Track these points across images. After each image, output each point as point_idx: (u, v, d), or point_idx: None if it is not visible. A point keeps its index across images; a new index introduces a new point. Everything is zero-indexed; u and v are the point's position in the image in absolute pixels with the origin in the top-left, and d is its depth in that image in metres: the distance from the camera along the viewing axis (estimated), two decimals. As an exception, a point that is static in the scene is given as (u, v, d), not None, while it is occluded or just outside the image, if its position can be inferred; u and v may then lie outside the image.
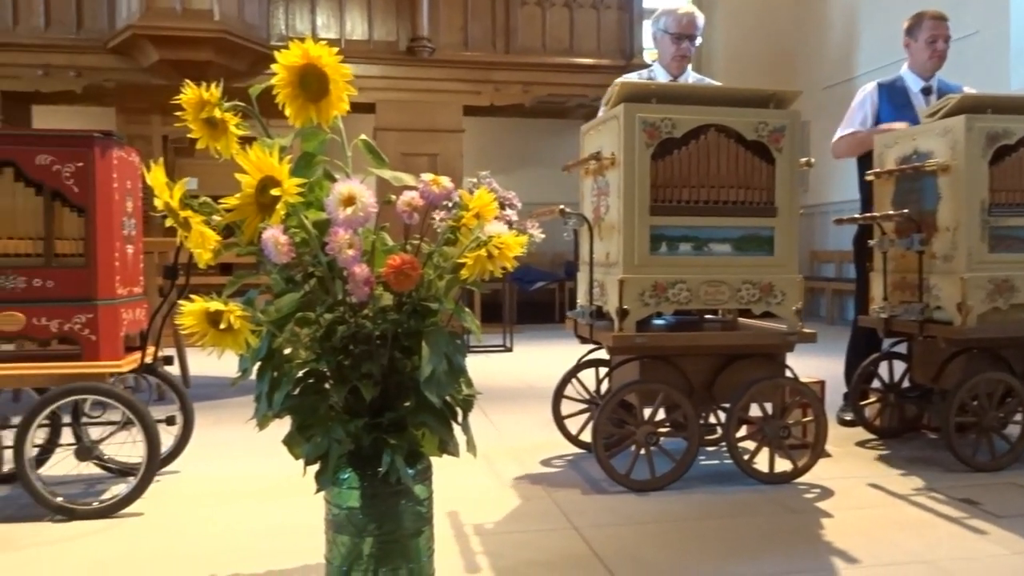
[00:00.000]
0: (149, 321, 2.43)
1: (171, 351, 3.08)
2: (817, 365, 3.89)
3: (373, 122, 7.09)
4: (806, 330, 2.43)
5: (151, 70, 6.68)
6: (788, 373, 2.49)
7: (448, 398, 1.42)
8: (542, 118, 8.57)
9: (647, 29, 7.82)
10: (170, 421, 2.47)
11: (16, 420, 2.16)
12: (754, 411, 2.47)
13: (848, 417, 3.23)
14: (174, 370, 3.39)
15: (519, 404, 3.90)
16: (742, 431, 2.54)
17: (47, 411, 2.12)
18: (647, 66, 7.43)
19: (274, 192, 1.35)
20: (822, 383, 2.87)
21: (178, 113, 1.57)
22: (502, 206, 1.47)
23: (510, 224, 1.50)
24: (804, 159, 2.46)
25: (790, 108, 2.48)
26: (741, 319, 2.71)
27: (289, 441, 1.47)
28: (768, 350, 2.47)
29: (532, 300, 8.07)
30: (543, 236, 1.60)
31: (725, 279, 2.39)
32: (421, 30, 7.15)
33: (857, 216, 3.06)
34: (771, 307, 2.41)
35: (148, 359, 2.35)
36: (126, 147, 2.34)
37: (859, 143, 3.28)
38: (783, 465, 2.43)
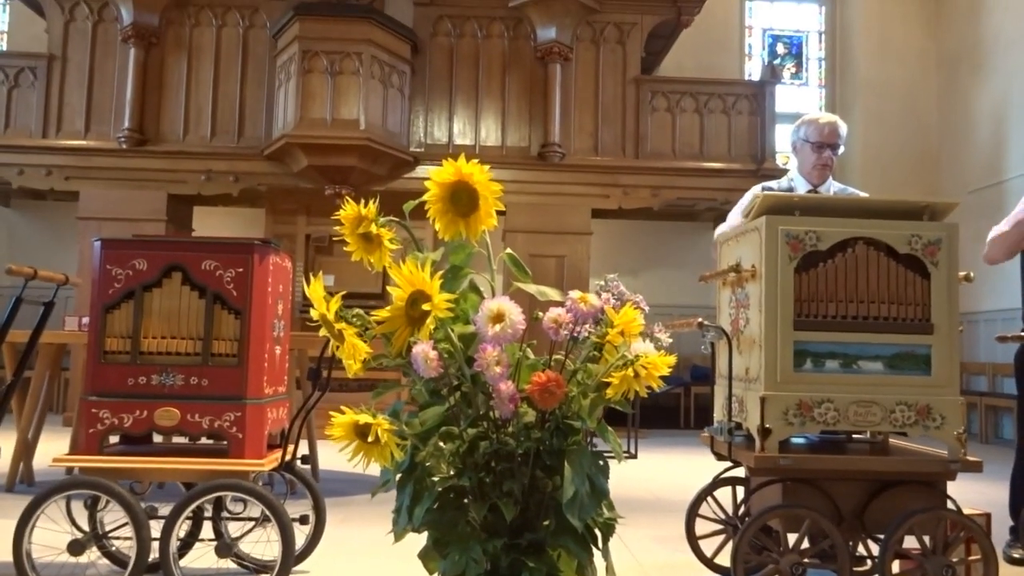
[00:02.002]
0: (290, 420, 2.50)
1: (303, 445, 3.16)
2: (976, 490, 3.57)
3: (503, 224, 7.29)
4: (970, 458, 2.24)
5: (300, 175, 7.15)
6: (950, 504, 2.29)
7: (589, 521, 1.38)
8: (670, 220, 8.57)
9: (779, 133, 7.79)
10: (303, 520, 2.51)
11: (162, 511, 2.25)
12: (909, 542, 2.27)
13: (1017, 555, 2.92)
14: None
15: (648, 517, 3.75)
16: (896, 566, 2.33)
17: (193, 506, 2.20)
18: (780, 171, 7.33)
19: (424, 307, 1.38)
20: (987, 515, 2.61)
21: (324, 217, 1.65)
22: None
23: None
24: (963, 273, 2.32)
25: (945, 220, 2.36)
26: (892, 440, 2.53)
27: (424, 556, 1.46)
28: (927, 478, 2.28)
29: (657, 404, 7.89)
30: (670, 340, 1.57)
31: (877, 399, 2.24)
32: (553, 136, 7.37)
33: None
34: (929, 431, 2.24)
35: (288, 457, 2.42)
36: (281, 253, 2.48)
37: (1017, 241, 3.05)
38: (946, 608, 2.20)
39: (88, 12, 7.46)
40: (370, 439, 1.32)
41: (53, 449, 4.63)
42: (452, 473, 1.40)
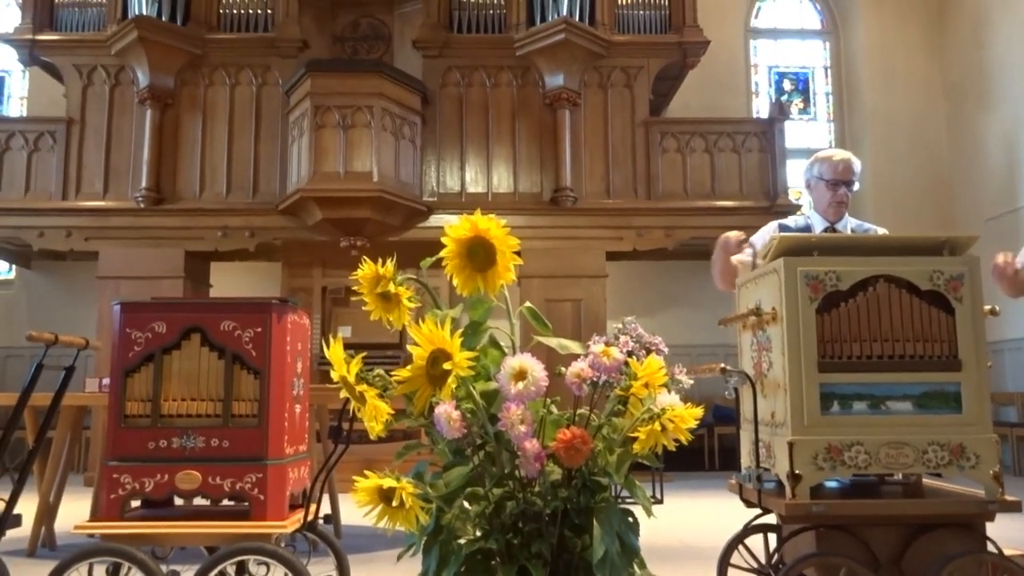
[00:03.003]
0: (312, 479, 2.48)
1: (325, 502, 3.13)
2: (1017, 529, 3.47)
3: (518, 270, 7.28)
4: (1008, 497, 2.18)
5: (315, 228, 7.21)
6: (990, 546, 2.22)
7: (620, 581, 1.34)
8: (685, 259, 8.54)
9: (790, 169, 7.80)
10: (328, 581, 2.47)
11: (185, 574, 2.22)
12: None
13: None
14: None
15: (678, 566, 3.67)
16: (938, 612, 2.26)
17: (216, 570, 2.17)
18: (794, 206, 7.30)
19: (446, 366, 1.37)
20: (1028, 556, 2.54)
21: (339, 269, 1.65)
22: (648, 351, 1.44)
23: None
24: (988, 308, 2.29)
25: (966, 254, 2.33)
26: (926, 481, 2.48)
27: (453, 620, 1.42)
28: (965, 519, 2.22)
29: (680, 446, 7.76)
30: (691, 383, 1.55)
31: (908, 440, 2.19)
32: (564, 180, 7.41)
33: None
34: (964, 471, 2.19)
35: (310, 518, 2.39)
36: (299, 310, 2.48)
37: None
38: (993, 656, 2.12)
39: (105, 76, 7.63)
40: (395, 503, 1.30)
41: (75, 510, 4.61)
42: (479, 535, 1.37)
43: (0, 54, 9.23)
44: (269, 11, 7.64)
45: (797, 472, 2.16)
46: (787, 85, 9.91)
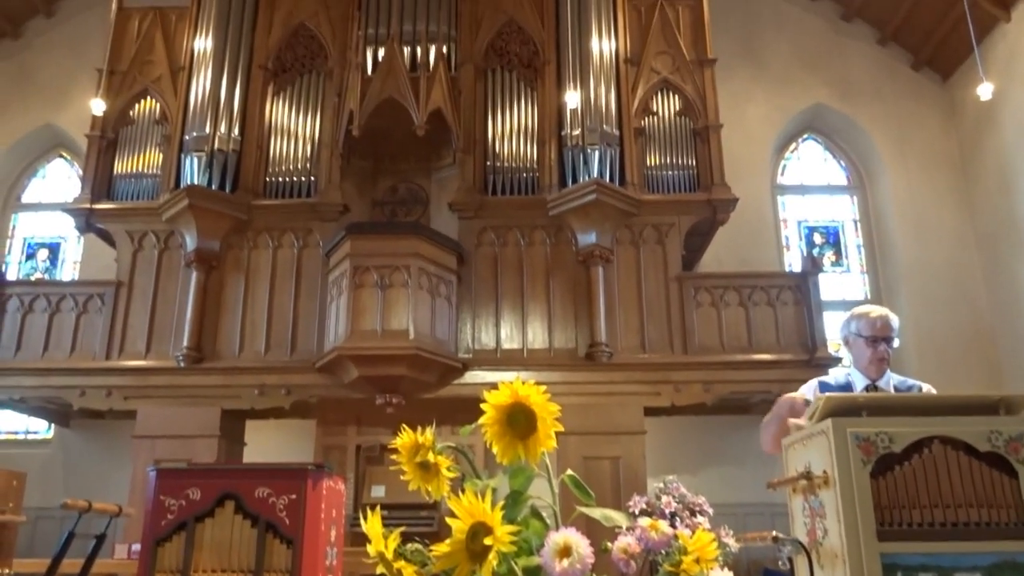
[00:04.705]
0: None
1: None
2: None
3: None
4: None
5: (350, 386, 7.23)
6: None
7: None
8: (725, 415, 8.37)
9: (827, 321, 7.74)
10: None
11: None
12: None
13: None
14: None
15: None
16: None
17: None
18: (833, 359, 7.16)
19: (487, 541, 1.31)
20: None
21: (374, 427, 1.62)
22: (692, 512, 1.37)
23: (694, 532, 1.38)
24: (1054, 471, 2.17)
25: (1023, 413, 2.25)
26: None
27: None
28: None
29: (730, 615, 7.30)
30: (739, 546, 1.46)
31: (982, 616, 2.03)
32: (599, 336, 7.41)
33: None
34: (1048, 653, 2.01)
35: None
36: (334, 476, 2.44)
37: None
38: None
39: (155, 241, 7.97)
40: None
41: None
42: None
43: (58, 222, 9.76)
44: (312, 178, 8.02)
45: (864, 654, 2.00)
46: (817, 238, 10.02)
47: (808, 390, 3.07)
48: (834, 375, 3.16)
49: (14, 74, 10.32)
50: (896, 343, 3.02)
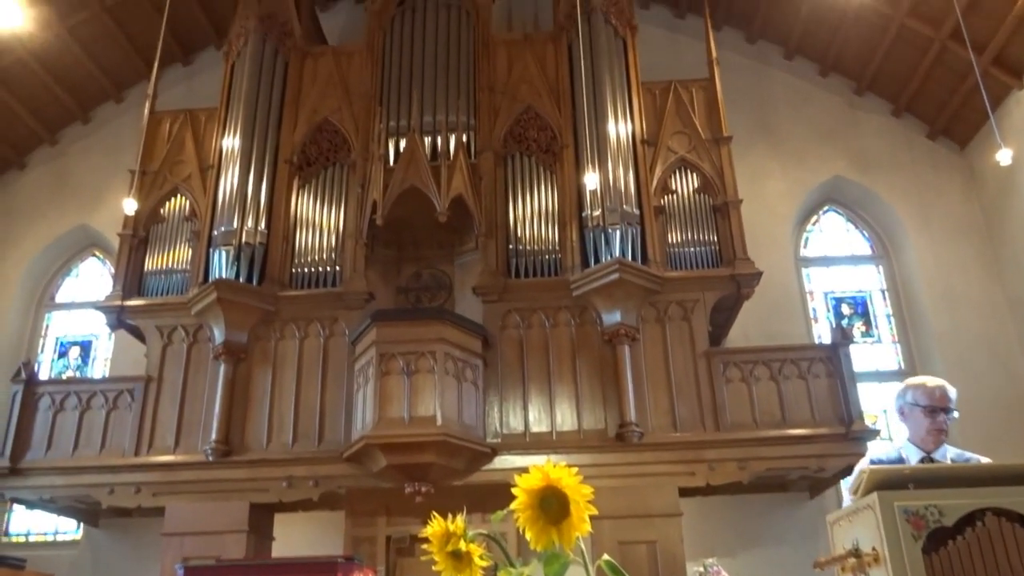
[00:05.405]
0: None
1: None
2: None
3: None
4: None
5: (379, 475, 7.14)
6: None
7: None
8: (763, 493, 8.14)
9: (862, 392, 7.58)
10: None
11: None
12: None
13: None
14: None
15: None
16: None
17: None
18: (871, 431, 6.97)
19: (523, 634, 1.25)
20: None
21: (404, 516, 1.57)
22: None
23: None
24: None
25: (1078, 481, 2.15)
26: None
27: None
28: None
29: None
30: None
31: None
32: (628, 415, 7.29)
33: None
34: None
35: None
36: (365, 569, 2.37)
37: None
38: None
39: (184, 335, 8.05)
40: None
41: None
42: None
43: (90, 320, 9.91)
44: (337, 267, 8.12)
45: None
46: (845, 309, 9.91)
47: (858, 470, 2.98)
48: (884, 451, 3.07)
49: (51, 179, 10.68)
50: (955, 415, 2.93)
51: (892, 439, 8.45)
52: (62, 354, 10.20)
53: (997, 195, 9.41)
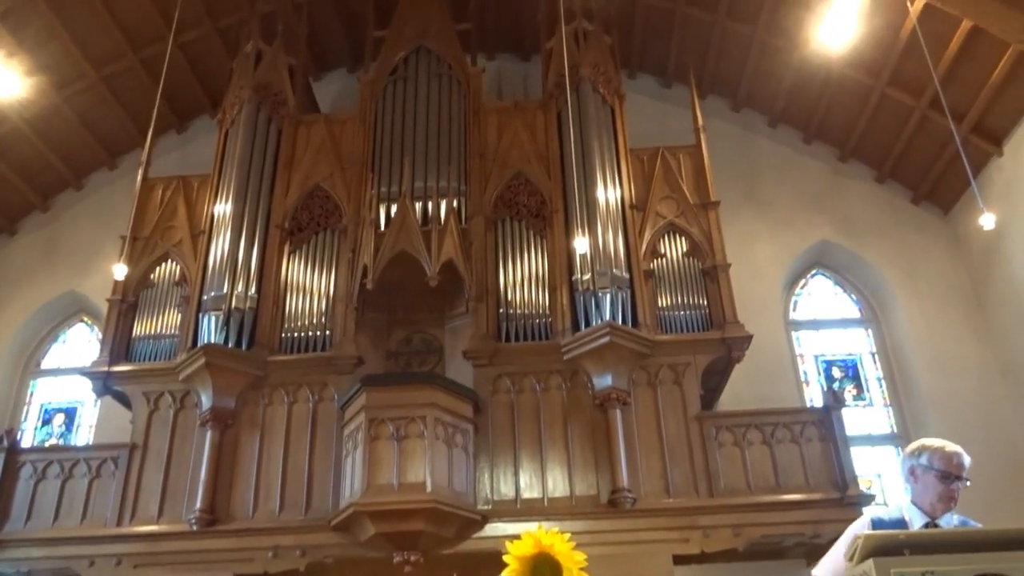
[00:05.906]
0: None
1: None
2: None
3: None
4: None
5: (367, 543, 6.98)
6: None
7: None
8: (758, 560, 7.97)
9: (855, 456, 7.52)
10: None
11: None
12: None
13: None
14: None
15: None
16: None
17: None
18: (866, 496, 6.89)
19: None
20: None
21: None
22: None
23: None
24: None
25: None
26: None
27: None
28: None
29: None
30: None
31: None
32: (621, 481, 7.20)
33: None
34: None
35: None
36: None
37: None
38: None
39: (171, 401, 7.96)
40: None
41: None
42: None
43: (75, 386, 9.80)
44: (327, 332, 8.09)
45: None
46: (836, 372, 9.90)
47: (861, 526, 2.93)
48: (887, 513, 3.02)
49: (42, 245, 10.69)
50: (968, 484, 2.90)
51: (888, 504, 8.36)
52: (46, 421, 10.04)
53: (982, 259, 9.52)
